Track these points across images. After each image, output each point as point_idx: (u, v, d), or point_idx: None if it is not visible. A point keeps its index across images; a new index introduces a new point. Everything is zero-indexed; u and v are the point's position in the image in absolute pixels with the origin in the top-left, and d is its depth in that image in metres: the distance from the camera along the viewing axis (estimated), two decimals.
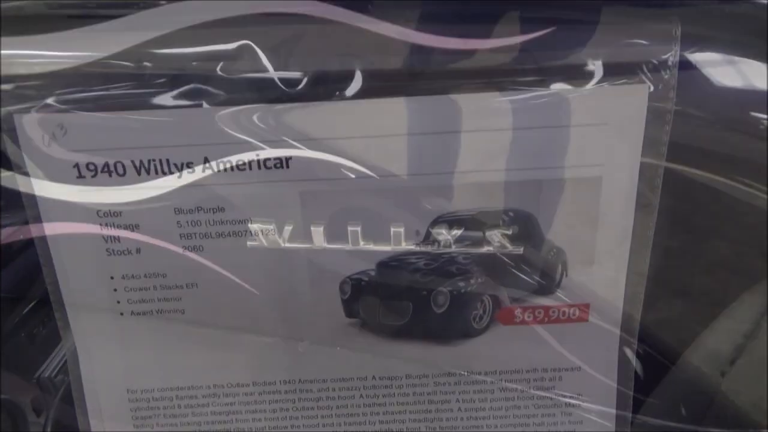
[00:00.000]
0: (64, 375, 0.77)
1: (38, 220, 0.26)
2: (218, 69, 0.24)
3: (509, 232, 0.27)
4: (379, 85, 0.25)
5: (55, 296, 0.27)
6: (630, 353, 0.29)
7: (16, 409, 0.62)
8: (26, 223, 0.27)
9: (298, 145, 0.25)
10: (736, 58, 0.27)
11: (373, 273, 0.27)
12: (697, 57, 0.27)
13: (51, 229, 0.26)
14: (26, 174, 0.25)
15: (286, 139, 0.25)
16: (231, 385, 0.29)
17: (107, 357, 0.28)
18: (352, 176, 0.25)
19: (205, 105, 0.24)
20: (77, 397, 0.28)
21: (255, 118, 0.24)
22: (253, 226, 0.26)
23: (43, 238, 0.26)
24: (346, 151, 0.25)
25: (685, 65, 0.25)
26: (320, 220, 0.26)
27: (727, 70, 0.27)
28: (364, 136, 0.25)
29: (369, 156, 0.25)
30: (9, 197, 0.27)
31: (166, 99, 0.24)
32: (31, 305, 0.73)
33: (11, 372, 0.66)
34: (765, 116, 0.27)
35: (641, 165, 0.26)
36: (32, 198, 0.25)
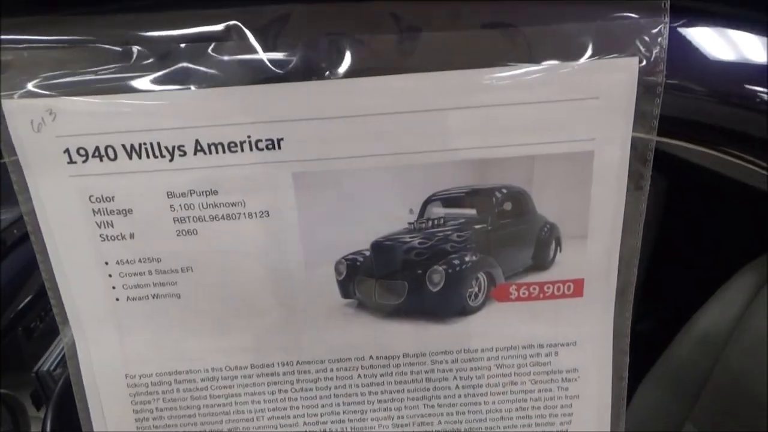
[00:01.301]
0: (62, 368, 0.77)
1: (30, 207, 0.26)
2: (208, 50, 0.24)
3: (503, 209, 0.27)
4: (369, 64, 0.25)
5: (50, 283, 0.27)
6: (625, 327, 0.29)
7: (16, 402, 0.62)
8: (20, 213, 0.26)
9: (290, 125, 0.25)
10: (727, 30, 0.27)
11: (367, 253, 0.27)
12: (687, 29, 0.27)
13: (43, 215, 0.26)
14: (16, 161, 0.25)
15: (277, 119, 0.25)
16: (229, 368, 0.29)
17: (104, 343, 0.28)
18: (345, 155, 0.25)
19: (194, 87, 0.24)
20: (75, 383, 0.28)
21: (245, 99, 0.24)
22: (247, 209, 0.26)
23: (36, 225, 0.26)
24: (337, 130, 0.25)
25: (676, 38, 0.25)
26: (313, 201, 0.26)
27: (717, 42, 0.27)
28: (355, 115, 0.25)
29: (361, 135, 0.25)
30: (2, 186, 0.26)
31: (155, 82, 0.24)
32: (27, 300, 0.73)
33: (10, 366, 0.65)
34: (760, 89, 0.28)
35: (632, 139, 0.26)
36: (23, 185, 0.25)
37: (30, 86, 0.24)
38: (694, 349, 0.61)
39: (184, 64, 0.24)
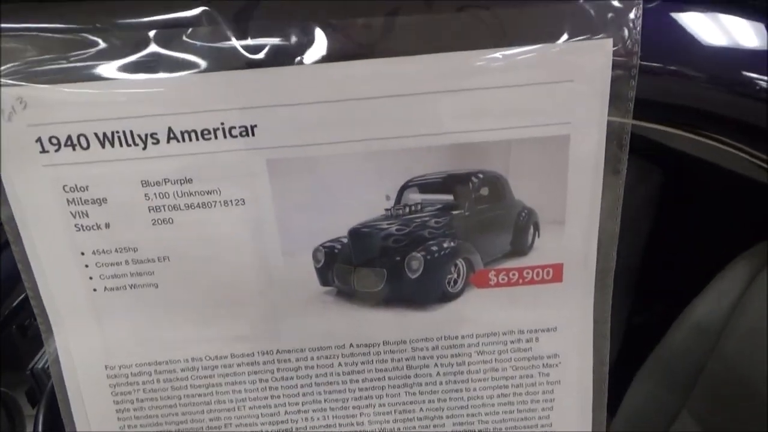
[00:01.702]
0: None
1: (4, 198, 0.25)
2: (180, 37, 0.24)
3: (479, 194, 0.27)
4: (343, 49, 0.24)
5: (26, 275, 0.27)
6: (605, 312, 0.29)
7: (12, 401, 0.62)
8: None
9: (264, 111, 0.25)
10: (702, 12, 0.27)
11: (345, 240, 0.27)
12: (662, 11, 0.26)
13: (18, 206, 0.26)
14: None
15: (251, 105, 0.24)
16: (209, 357, 0.29)
17: (83, 334, 0.28)
18: (320, 142, 0.25)
19: (167, 74, 0.24)
20: (55, 375, 0.28)
21: (218, 85, 0.24)
22: (222, 197, 0.26)
23: (11, 216, 0.26)
24: (311, 116, 0.25)
25: (651, 19, 0.25)
26: (289, 188, 0.26)
27: (693, 23, 0.27)
28: (329, 100, 0.25)
29: (335, 120, 0.25)
30: None
31: (127, 69, 0.24)
32: (21, 297, 0.73)
33: (5, 364, 0.65)
34: (736, 70, 0.27)
35: (608, 122, 0.26)
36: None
37: (5, 74, 0.24)
38: (689, 339, 0.61)
39: (156, 51, 0.24)
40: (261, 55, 0.24)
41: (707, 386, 0.60)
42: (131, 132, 0.24)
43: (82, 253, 0.26)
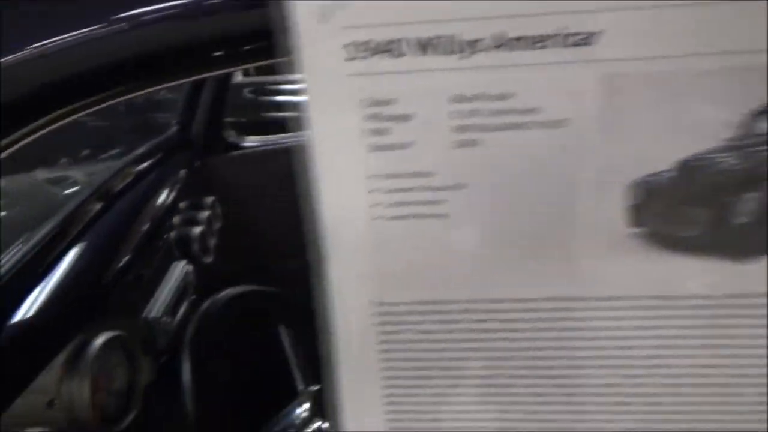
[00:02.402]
0: (168, 316, 0.78)
1: (305, 106, 0.23)
2: None
3: None
4: None
5: (308, 195, 0.25)
6: None
7: (131, 345, 0.63)
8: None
9: (611, 16, 0.21)
10: None
11: (669, 174, 0.23)
12: None
13: (314, 119, 0.23)
14: (294, 54, 0.22)
15: (596, 9, 0.21)
16: (488, 300, 0.26)
17: (356, 265, 0.26)
18: (667, 54, 0.21)
19: None
20: (321, 305, 0.26)
21: None
22: (541, 116, 0.23)
23: (308, 128, 0.24)
24: (666, 21, 0.21)
25: None
26: (619, 110, 0.22)
27: None
28: (684, 3, 0.21)
29: (691, 28, 0.21)
30: None
31: None
32: (135, 250, 0.74)
33: (122, 312, 0.66)
34: None
35: None
36: (300, 81, 0.23)
37: None
38: None
39: None
40: None
41: None
42: (453, 37, 0.22)
43: (372, 176, 0.24)
